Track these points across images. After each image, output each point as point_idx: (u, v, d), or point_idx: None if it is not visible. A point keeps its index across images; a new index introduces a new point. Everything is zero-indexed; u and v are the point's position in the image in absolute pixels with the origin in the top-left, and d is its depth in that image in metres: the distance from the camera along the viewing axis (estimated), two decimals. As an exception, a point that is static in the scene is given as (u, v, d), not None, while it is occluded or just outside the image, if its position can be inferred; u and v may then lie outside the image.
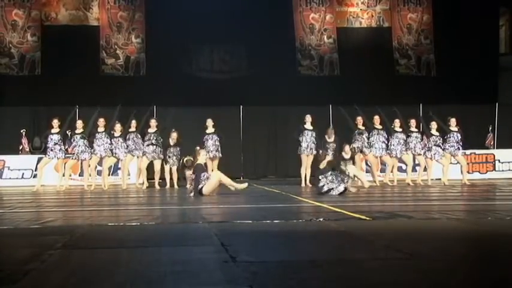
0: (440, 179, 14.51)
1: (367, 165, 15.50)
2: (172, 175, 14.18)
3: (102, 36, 19.50)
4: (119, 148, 13.98)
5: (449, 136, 14.25)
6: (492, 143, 18.07)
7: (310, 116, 14.44)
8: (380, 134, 14.35)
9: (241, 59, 20.02)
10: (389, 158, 14.42)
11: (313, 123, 14.44)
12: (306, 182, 14.24)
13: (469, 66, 19.45)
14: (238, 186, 11.12)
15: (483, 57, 19.88)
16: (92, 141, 13.93)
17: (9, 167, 15.90)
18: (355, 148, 13.88)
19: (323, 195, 10.42)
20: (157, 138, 14.17)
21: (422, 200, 10.11)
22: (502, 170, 17.21)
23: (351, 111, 14.80)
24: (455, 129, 14.30)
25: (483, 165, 17.18)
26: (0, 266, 4.12)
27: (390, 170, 14.65)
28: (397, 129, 14.44)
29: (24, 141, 16.71)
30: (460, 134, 14.30)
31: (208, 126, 14.53)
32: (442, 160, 14.31)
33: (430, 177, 14.44)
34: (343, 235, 5.68)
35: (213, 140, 14.38)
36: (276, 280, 3.67)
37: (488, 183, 14.91)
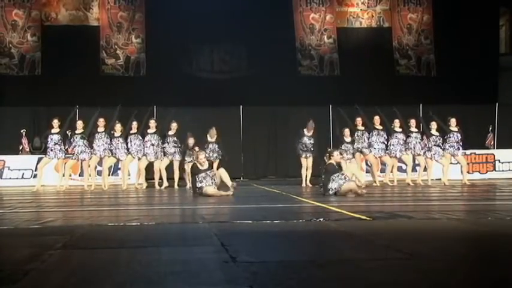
0: (440, 179, 14.51)
1: (367, 165, 15.50)
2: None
3: (102, 36, 19.51)
4: (119, 148, 13.97)
5: (449, 136, 14.24)
6: (492, 143, 18.07)
7: (313, 123, 14.40)
8: (380, 134, 14.35)
9: (241, 59, 20.03)
10: (389, 158, 14.42)
11: (314, 131, 14.42)
12: (307, 182, 14.25)
13: (469, 66, 19.46)
14: (229, 190, 10.94)
15: (483, 57, 19.89)
16: (92, 142, 13.93)
17: (9, 167, 15.90)
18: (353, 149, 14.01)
19: (324, 196, 10.40)
20: (156, 139, 14.15)
21: (423, 200, 10.11)
22: (502, 170, 17.21)
23: (351, 111, 14.81)
24: (455, 129, 14.29)
25: (483, 165, 17.18)
26: (0, 266, 4.12)
27: (390, 170, 14.65)
28: (397, 129, 14.43)
29: (24, 141, 16.72)
30: (460, 134, 14.29)
31: (211, 136, 14.48)
32: (442, 160, 14.31)
33: (430, 177, 14.43)
34: (343, 235, 5.68)
35: (213, 147, 14.37)
36: (276, 280, 3.67)
37: (488, 183, 14.91)
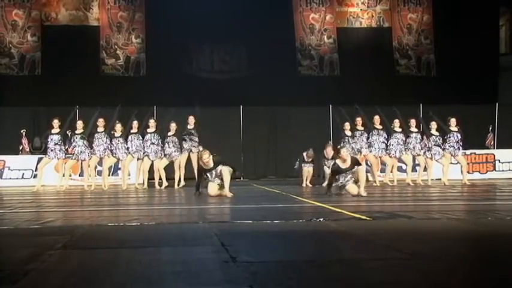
0: (440, 179, 14.51)
1: (367, 165, 15.49)
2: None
3: (102, 36, 19.52)
4: (119, 148, 13.97)
5: (449, 136, 14.24)
6: (492, 143, 18.08)
7: (312, 151, 14.48)
8: (380, 134, 14.36)
9: (242, 59, 20.05)
10: (389, 158, 14.42)
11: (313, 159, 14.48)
12: (307, 182, 14.27)
13: (469, 66, 19.47)
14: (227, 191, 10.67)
15: (483, 57, 19.90)
16: (92, 142, 13.92)
17: (9, 167, 15.90)
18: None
19: (326, 195, 10.38)
20: (157, 138, 14.14)
21: (423, 200, 10.11)
22: (502, 170, 17.22)
23: (350, 111, 14.81)
24: (455, 129, 14.29)
25: (483, 165, 17.18)
26: (0, 266, 4.12)
27: (390, 170, 14.65)
28: (397, 129, 14.44)
29: (24, 141, 16.72)
30: (460, 134, 14.29)
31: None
32: (442, 160, 14.31)
33: (430, 177, 14.43)
34: (343, 235, 5.68)
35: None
36: (276, 280, 3.67)
37: (488, 183, 14.91)
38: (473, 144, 16.91)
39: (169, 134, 14.14)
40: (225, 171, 10.59)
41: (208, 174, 10.73)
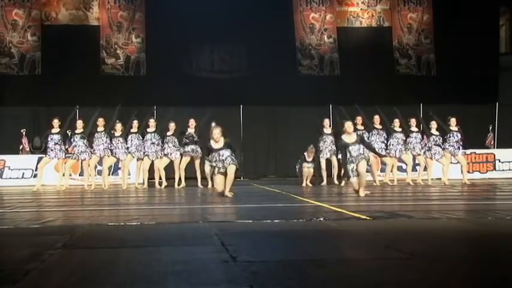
0: (440, 179, 14.51)
1: (368, 165, 15.48)
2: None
3: (102, 36, 19.52)
4: (119, 148, 13.97)
5: (449, 136, 14.24)
6: (492, 143, 18.08)
7: (313, 148, 14.51)
8: (380, 134, 14.36)
9: (242, 59, 20.05)
10: (388, 157, 14.43)
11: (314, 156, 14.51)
12: (307, 182, 14.28)
13: (469, 65, 19.47)
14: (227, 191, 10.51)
15: (483, 57, 19.90)
16: (92, 141, 13.93)
17: (9, 167, 15.91)
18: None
19: (348, 182, 10.34)
20: (157, 138, 14.15)
21: (423, 200, 10.11)
22: (503, 170, 17.22)
23: (351, 111, 14.80)
24: (455, 129, 14.29)
25: (483, 164, 17.18)
26: (0, 266, 4.12)
27: (390, 170, 14.66)
28: (397, 129, 14.44)
29: (24, 141, 16.72)
30: (460, 134, 14.30)
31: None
32: (442, 160, 14.31)
33: (430, 177, 14.44)
34: (343, 235, 5.68)
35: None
36: (276, 280, 3.67)
37: (488, 183, 14.90)
38: (474, 143, 16.90)
39: (168, 133, 14.14)
40: (231, 169, 10.29)
41: (214, 155, 10.34)
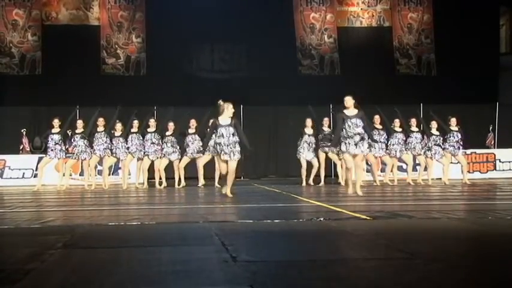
0: (440, 179, 14.51)
1: (368, 165, 15.50)
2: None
3: (102, 35, 19.53)
4: (119, 148, 13.97)
5: (449, 136, 14.24)
6: (492, 143, 18.08)
7: (310, 120, 14.50)
8: (380, 133, 14.36)
9: (242, 58, 20.06)
10: (388, 157, 14.43)
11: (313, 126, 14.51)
12: (308, 181, 14.30)
13: (470, 65, 19.48)
14: (227, 188, 10.49)
15: (483, 57, 19.90)
16: (92, 141, 13.93)
17: (9, 167, 15.92)
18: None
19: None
20: (157, 138, 14.14)
21: (423, 200, 10.10)
22: (503, 170, 17.23)
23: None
24: (455, 129, 14.29)
25: (484, 164, 17.18)
26: (0, 266, 4.12)
27: (390, 170, 14.66)
28: (397, 129, 14.44)
29: (24, 141, 16.73)
30: (460, 134, 14.29)
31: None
32: (443, 160, 14.31)
33: (430, 177, 14.43)
34: (344, 235, 5.68)
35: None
36: (276, 280, 3.67)
37: (488, 183, 14.90)
38: (474, 143, 16.90)
39: (167, 133, 14.14)
40: (232, 164, 10.25)
41: (221, 131, 10.20)
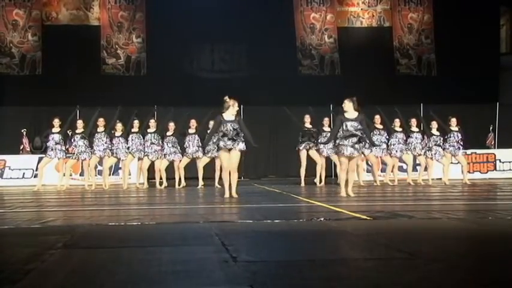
0: (441, 179, 14.52)
1: (368, 164, 15.51)
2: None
3: (102, 36, 19.54)
4: (119, 148, 13.97)
5: (449, 136, 14.24)
6: (493, 143, 18.08)
7: (309, 116, 14.52)
8: (380, 134, 14.36)
9: (242, 58, 20.06)
10: (389, 157, 14.43)
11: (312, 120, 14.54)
12: (315, 180, 14.29)
13: (470, 65, 19.48)
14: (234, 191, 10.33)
15: (483, 57, 19.90)
16: (92, 141, 13.93)
17: (10, 167, 15.92)
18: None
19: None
20: (157, 138, 14.14)
21: (423, 200, 10.11)
22: (503, 170, 17.23)
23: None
24: (455, 129, 14.29)
25: (484, 164, 17.18)
26: (0, 266, 4.12)
27: (390, 170, 14.66)
28: (397, 129, 14.44)
29: (24, 141, 16.74)
30: (460, 134, 14.29)
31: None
32: (443, 160, 14.31)
33: (430, 177, 14.44)
34: (344, 235, 5.68)
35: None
36: (276, 280, 3.67)
37: (489, 183, 14.90)
38: (474, 143, 16.90)
39: (167, 133, 14.15)
40: (235, 156, 10.17)
41: (226, 126, 10.16)
